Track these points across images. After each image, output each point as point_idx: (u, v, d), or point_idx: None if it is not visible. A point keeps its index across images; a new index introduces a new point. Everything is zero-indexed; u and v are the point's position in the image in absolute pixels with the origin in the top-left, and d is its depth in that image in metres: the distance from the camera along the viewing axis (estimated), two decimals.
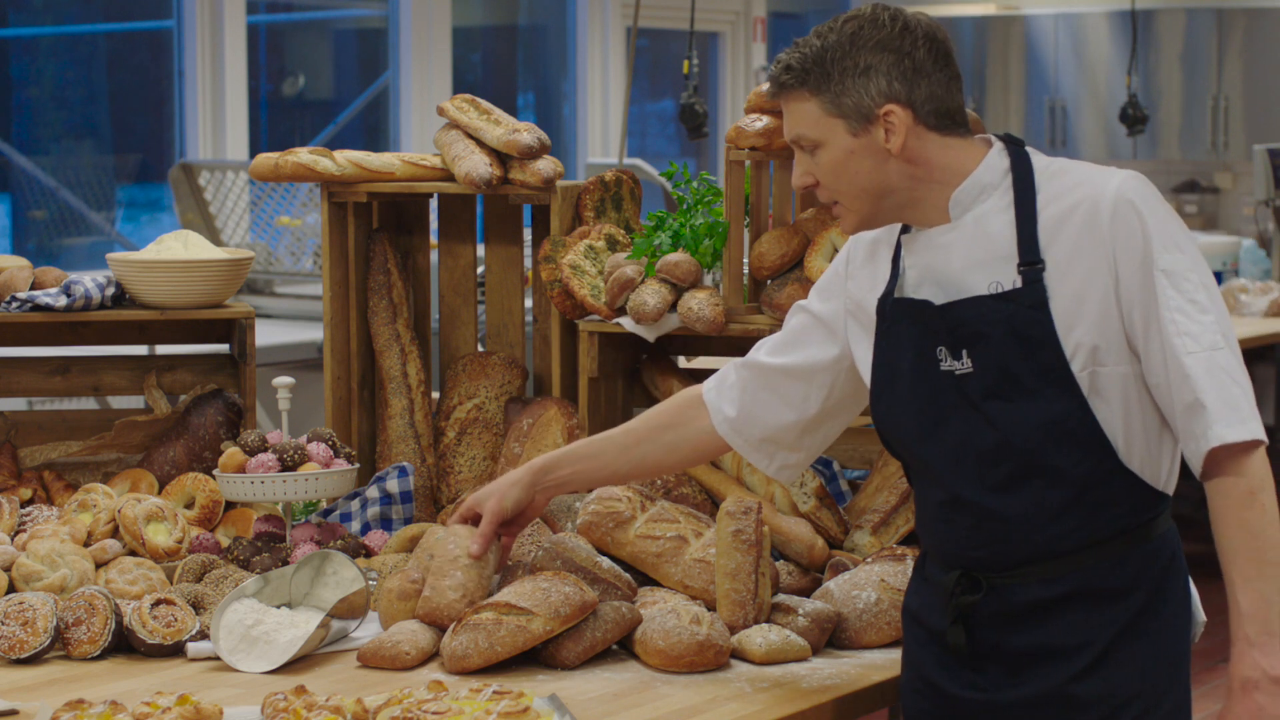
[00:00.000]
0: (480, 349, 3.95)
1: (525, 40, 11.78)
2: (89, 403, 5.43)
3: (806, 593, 3.14)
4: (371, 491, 3.57)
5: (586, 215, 3.76)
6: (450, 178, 3.73)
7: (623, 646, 2.92)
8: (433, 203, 3.94)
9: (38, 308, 3.60)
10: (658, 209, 3.97)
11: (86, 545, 3.26)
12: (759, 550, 2.94)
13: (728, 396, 2.87)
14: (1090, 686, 2.57)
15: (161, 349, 4.36)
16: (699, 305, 3.46)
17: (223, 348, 3.89)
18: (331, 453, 3.41)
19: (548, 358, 3.81)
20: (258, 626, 2.86)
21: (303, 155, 3.74)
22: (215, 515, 3.52)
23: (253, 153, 8.86)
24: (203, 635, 2.94)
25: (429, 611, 2.90)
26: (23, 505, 3.50)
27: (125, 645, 2.93)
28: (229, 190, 7.95)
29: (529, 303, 3.89)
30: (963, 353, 2.57)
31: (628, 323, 3.54)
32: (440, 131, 3.80)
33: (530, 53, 11.71)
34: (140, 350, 4.28)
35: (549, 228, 3.73)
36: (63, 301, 3.60)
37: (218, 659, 2.88)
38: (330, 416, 3.80)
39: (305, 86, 10.41)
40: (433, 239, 3.96)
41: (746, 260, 3.58)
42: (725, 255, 3.53)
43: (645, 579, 3.08)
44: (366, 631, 3.01)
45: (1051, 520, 2.56)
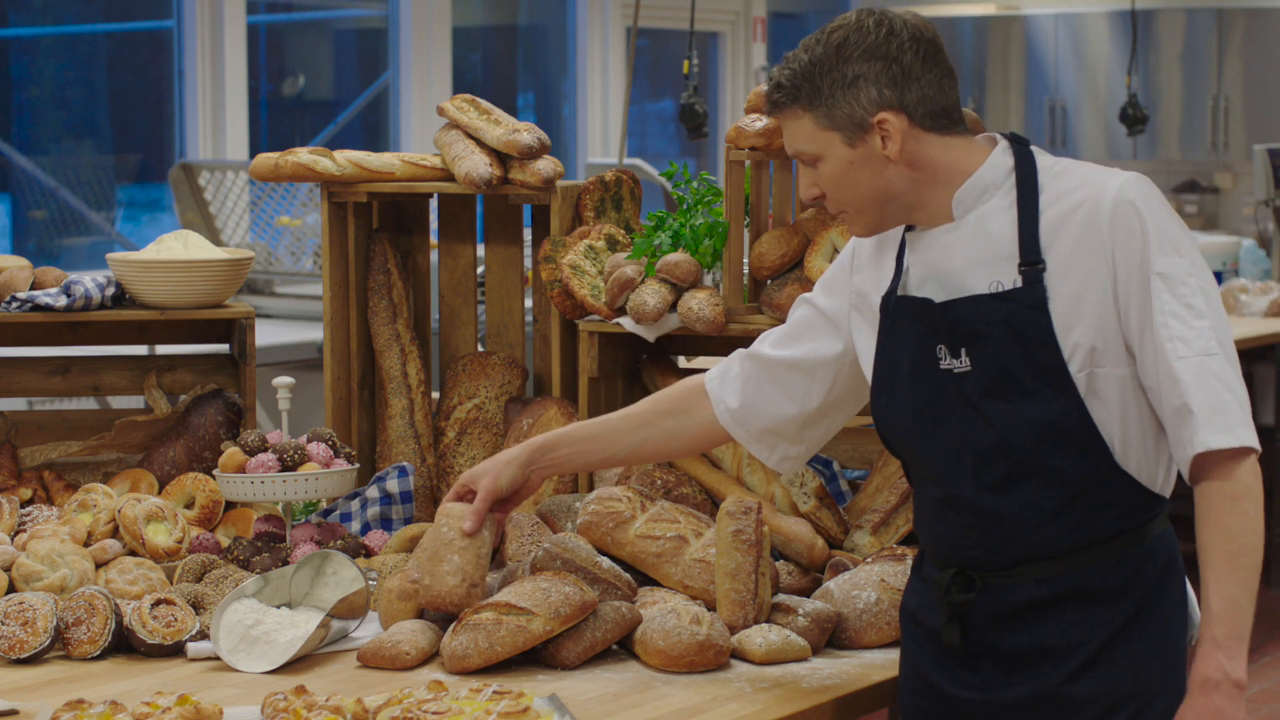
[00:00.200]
0: (480, 349, 3.95)
1: (525, 40, 11.77)
2: (89, 403, 5.43)
3: (806, 593, 3.14)
4: (371, 491, 3.57)
5: (586, 215, 3.76)
6: (450, 178, 3.73)
7: (623, 646, 2.92)
8: (433, 203, 3.94)
9: (38, 308, 3.60)
10: (658, 209, 3.97)
11: (86, 545, 3.26)
12: (759, 550, 2.94)
13: (731, 387, 2.87)
14: (1084, 686, 2.57)
15: (161, 349, 4.36)
16: (699, 305, 3.46)
17: (223, 348, 3.89)
18: (331, 453, 3.41)
19: (548, 358, 3.81)
20: (258, 626, 2.86)
21: (303, 155, 3.74)
22: (215, 515, 3.52)
23: (253, 153, 8.86)
24: (203, 635, 2.94)
25: (430, 599, 2.90)
26: (23, 505, 3.50)
27: (125, 645, 2.93)
28: (229, 190, 7.95)
29: (529, 303, 3.89)
30: (962, 351, 2.57)
31: (628, 323, 3.54)
32: (440, 131, 3.80)
33: (530, 53, 11.71)
34: (140, 350, 4.28)
35: (549, 228, 3.73)
36: (63, 301, 3.60)
37: (218, 659, 2.88)
38: (330, 416, 3.80)
39: (305, 86, 10.40)
40: (433, 239, 3.96)
41: (746, 260, 3.58)
42: (725, 255, 3.53)
43: (645, 579, 3.08)
44: (366, 631, 3.01)
45: (1047, 520, 2.56)
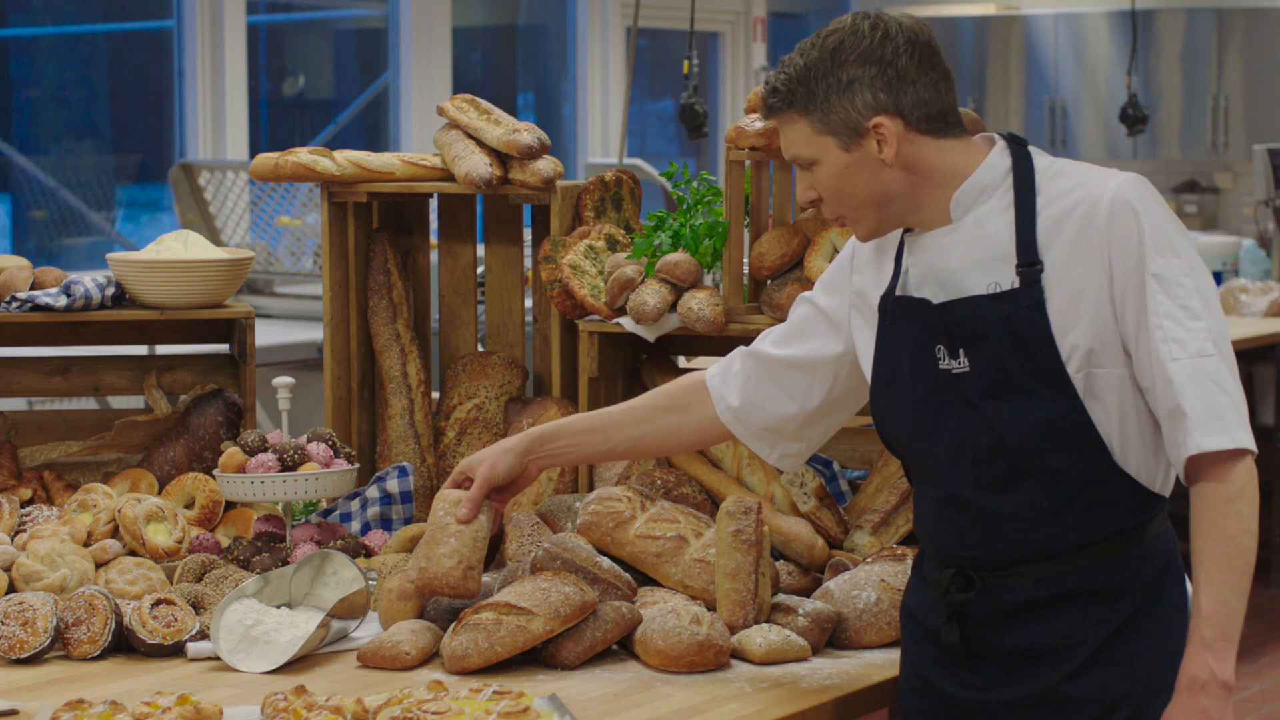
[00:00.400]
0: (480, 349, 3.95)
1: (525, 40, 11.77)
2: (89, 403, 5.43)
3: (806, 593, 3.14)
4: (371, 491, 3.57)
5: (586, 215, 3.76)
6: (450, 178, 3.73)
7: (623, 646, 2.92)
8: (433, 203, 3.94)
9: (38, 308, 3.60)
10: (658, 209, 3.97)
11: (86, 545, 3.26)
12: (759, 550, 2.94)
13: (732, 385, 2.87)
14: (1084, 686, 2.57)
15: (161, 349, 4.36)
16: (699, 305, 3.46)
17: (223, 348, 3.89)
18: (331, 453, 3.41)
19: (548, 358, 3.81)
20: (258, 626, 2.86)
21: (303, 155, 3.74)
22: (215, 515, 3.52)
23: (253, 153, 8.86)
24: (203, 635, 2.94)
25: (426, 582, 2.89)
26: (23, 505, 3.50)
27: (125, 645, 2.93)
28: (229, 190, 7.95)
29: (529, 303, 3.89)
30: (960, 352, 2.57)
31: (628, 323, 3.54)
32: (440, 131, 3.80)
33: (530, 53, 11.71)
34: (140, 350, 4.27)
35: (549, 228, 3.73)
36: (63, 301, 3.60)
37: (218, 659, 2.88)
38: (330, 416, 3.80)
39: (305, 86, 10.40)
40: (433, 239, 3.96)
41: (746, 260, 3.58)
42: (725, 255, 3.53)
43: (645, 579, 3.08)
44: (366, 631, 3.01)
45: (1046, 520, 2.56)
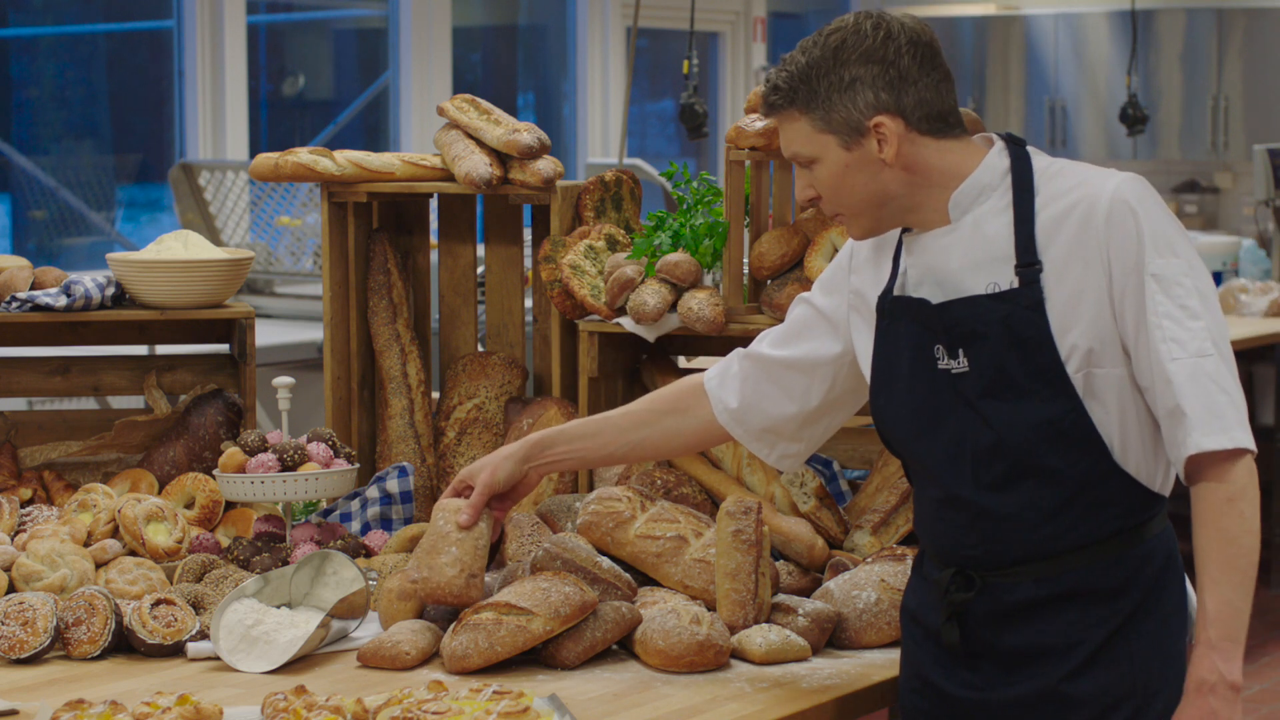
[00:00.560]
0: (480, 349, 3.95)
1: (525, 40, 11.77)
2: (89, 403, 5.43)
3: (806, 593, 3.14)
4: (371, 491, 3.57)
5: (586, 215, 3.76)
6: (450, 178, 3.73)
7: (623, 646, 2.92)
8: (433, 203, 3.94)
9: (38, 308, 3.60)
10: (658, 209, 3.97)
11: (86, 545, 3.26)
12: (759, 550, 2.94)
13: (730, 387, 2.87)
14: (1084, 685, 2.57)
15: (161, 349, 4.36)
16: (699, 305, 3.46)
17: (223, 348, 3.89)
18: (331, 453, 3.41)
19: (548, 358, 3.81)
20: (258, 626, 2.86)
21: (303, 155, 3.74)
22: (215, 515, 3.52)
23: (253, 153, 8.86)
24: (203, 635, 2.94)
25: (429, 592, 2.89)
26: (23, 505, 3.50)
27: (125, 645, 2.93)
28: (229, 190, 7.95)
29: (529, 303, 3.89)
30: (959, 352, 2.57)
31: (628, 323, 3.54)
32: (440, 131, 3.80)
33: (530, 53, 11.71)
34: (140, 350, 4.27)
35: (549, 228, 3.73)
36: (63, 301, 3.60)
37: (218, 659, 2.88)
38: (330, 416, 3.80)
39: (305, 86, 10.40)
40: (433, 239, 3.96)
41: (746, 260, 3.58)
42: (725, 255, 3.53)
43: (645, 579, 3.08)
44: (366, 631, 3.01)
45: (1046, 520, 2.56)
